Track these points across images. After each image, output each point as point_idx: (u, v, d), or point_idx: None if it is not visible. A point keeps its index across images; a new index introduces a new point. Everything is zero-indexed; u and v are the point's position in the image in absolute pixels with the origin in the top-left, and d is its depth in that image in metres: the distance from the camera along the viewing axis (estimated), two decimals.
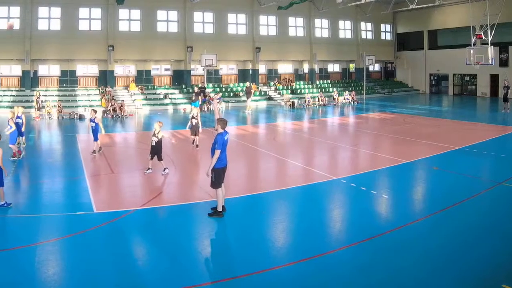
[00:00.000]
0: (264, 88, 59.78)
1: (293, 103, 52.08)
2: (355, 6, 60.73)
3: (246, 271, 10.34)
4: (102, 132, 24.44)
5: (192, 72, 56.78)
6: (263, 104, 54.38)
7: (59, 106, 42.72)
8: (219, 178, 13.71)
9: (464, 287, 9.70)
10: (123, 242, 12.21)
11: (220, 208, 13.79)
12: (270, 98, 57.11)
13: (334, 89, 60.91)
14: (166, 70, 57.59)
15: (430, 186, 18.35)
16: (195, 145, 25.23)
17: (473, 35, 48.89)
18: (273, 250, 11.63)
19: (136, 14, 52.64)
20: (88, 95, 49.72)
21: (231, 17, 58.25)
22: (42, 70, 51.05)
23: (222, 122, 13.86)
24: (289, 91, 58.86)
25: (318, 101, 53.84)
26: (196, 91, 46.02)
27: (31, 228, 13.07)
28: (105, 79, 51.82)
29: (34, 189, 16.79)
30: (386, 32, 72.83)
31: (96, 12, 50.71)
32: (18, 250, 11.44)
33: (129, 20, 52.43)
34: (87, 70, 53.28)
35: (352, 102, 55.26)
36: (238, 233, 13.05)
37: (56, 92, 48.90)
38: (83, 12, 50.26)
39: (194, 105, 40.40)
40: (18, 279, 9.84)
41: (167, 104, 50.69)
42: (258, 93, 56.25)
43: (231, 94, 56.11)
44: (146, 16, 52.78)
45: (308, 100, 53.11)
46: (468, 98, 60.96)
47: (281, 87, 60.14)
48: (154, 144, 19.30)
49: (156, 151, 19.35)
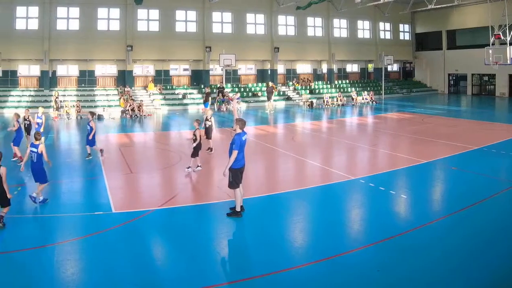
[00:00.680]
0: (283, 88, 58.43)
1: (311, 103, 50.91)
2: (374, 6, 58.75)
3: (264, 271, 10.16)
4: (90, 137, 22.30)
5: (210, 72, 55.68)
6: (281, 104, 53.02)
7: (77, 106, 41.77)
8: (236, 178, 13.49)
9: (482, 287, 9.56)
10: (142, 242, 12.00)
11: (238, 208, 13.55)
12: (288, 98, 55.66)
13: (353, 89, 59.64)
14: (185, 70, 56.57)
15: (448, 186, 17.98)
16: (209, 148, 23.62)
17: (491, 35, 47.41)
18: (291, 250, 11.45)
19: (154, 14, 51.56)
20: (106, 95, 48.67)
21: (249, 17, 56.96)
22: (61, 70, 50.15)
23: (241, 123, 13.74)
24: (307, 91, 57.48)
25: (337, 101, 52.37)
26: (206, 91, 44.74)
27: (50, 228, 12.97)
28: (123, 79, 50.84)
29: (52, 189, 16.28)
30: (405, 32, 70.79)
31: (115, 12, 49.72)
32: (37, 250, 11.25)
33: (147, 20, 51.35)
34: (106, 70, 52.30)
35: (370, 102, 53.78)
36: (256, 233, 12.79)
37: (75, 92, 48.00)
38: (102, 12, 49.30)
39: (205, 105, 41.26)
40: (37, 279, 9.71)
41: (185, 104, 49.36)
42: (276, 93, 54.57)
43: (250, 94, 55.08)
44: (165, 16, 51.69)
45: (327, 100, 51.85)
46: (486, 98, 59.57)
47: (299, 87, 58.86)
48: (196, 145, 19.30)
49: (197, 149, 19.37)
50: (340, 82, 63.67)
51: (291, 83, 60.12)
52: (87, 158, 21.90)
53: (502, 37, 46.10)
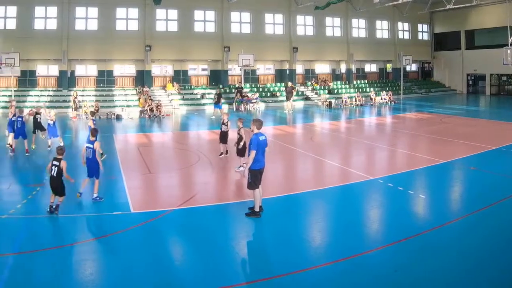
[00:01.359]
0: (301, 88, 56.75)
1: (330, 103, 49.39)
2: (392, 6, 56.85)
3: (283, 271, 10.02)
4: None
5: (229, 72, 54.44)
6: (300, 104, 51.61)
7: (96, 106, 40.39)
8: (255, 179, 13.27)
9: None
10: (160, 242, 11.86)
11: (257, 209, 13.35)
12: (307, 98, 54.15)
13: (371, 89, 58.39)
14: (203, 70, 55.11)
15: (467, 186, 17.89)
16: (224, 151, 22.21)
17: (510, 35, 46.12)
18: (310, 250, 11.36)
19: (173, 14, 50.46)
20: (125, 95, 47.61)
21: (268, 17, 55.48)
22: (79, 70, 49.14)
23: (258, 123, 13.57)
24: (326, 91, 56.10)
25: (355, 101, 50.93)
26: (217, 92, 43.36)
27: (68, 228, 12.80)
28: (142, 79, 49.67)
29: (71, 189, 15.54)
30: (423, 32, 68.54)
31: (133, 12, 48.69)
32: (56, 250, 11.15)
33: (166, 20, 50.24)
34: (124, 70, 51.24)
35: (389, 102, 52.23)
36: (275, 233, 12.64)
37: (93, 92, 47.02)
38: (120, 12, 48.30)
39: (217, 107, 40.67)
40: (55, 279, 9.56)
41: (204, 104, 47.93)
42: (295, 93, 52.66)
43: (268, 94, 53.55)
44: (183, 16, 50.59)
45: (345, 100, 50.44)
46: (505, 98, 58.33)
47: (318, 87, 57.40)
48: (240, 146, 19.08)
49: (244, 149, 18.87)
50: (358, 82, 61.98)
51: (309, 83, 58.52)
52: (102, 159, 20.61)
53: None
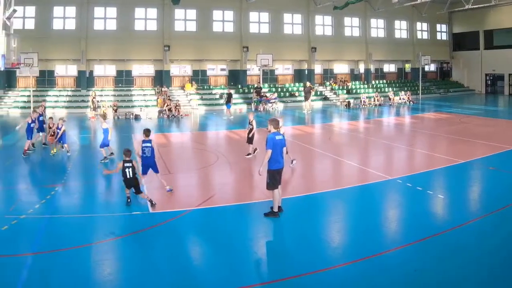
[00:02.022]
0: (320, 88, 55.31)
1: (348, 103, 47.92)
2: (411, 6, 54.87)
3: (301, 271, 9.75)
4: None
5: (248, 72, 52.87)
6: (319, 104, 50.27)
7: (114, 105, 39.82)
8: (274, 180, 12.92)
9: None
10: (179, 242, 11.61)
11: (275, 209, 13.05)
12: (325, 98, 52.66)
13: (390, 89, 56.86)
14: (222, 70, 53.77)
15: (486, 186, 17.31)
16: (253, 151, 21.79)
17: None
18: (328, 250, 11.09)
19: (192, 14, 49.19)
20: (144, 95, 46.52)
21: (287, 17, 53.88)
22: (98, 70, 48.09)
23: (274, 122, 13.23)
24: (344, 91, 54.71)
25: (374, 101, 49.37)
26: (228, 92, 42.02)
27: (87, 228, 12.51)
28: (161, 79, 48.45)
29: (90, 188, 16.08)
30: (442, 32, 66.79)
31: (152, 12, 47.57)
32: (74, 250, 10.89)
33: (185, 20, 49.00)
34: (143, 70, 50.11)
35: (407, 102, 50.70)
36: (294, 233, 12.36)
37: (112, 92, 45.99)
38: (139, 12, 47.19)
39: (228, 106, 39.31)
40: (74, 279, 9.38)
41: (222, 104, 45.61)
42: (314, 93, 51.30)
43: (287, 94, 51.95)
44: (202, 16, 49.32)
45: (364, 100, 49.03)
46: None
47: (336, 87, 55.88)
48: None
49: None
50: (377, 82, 60.39)
51: (328, 83, 57.00)
52: (102, 161, 20.69)
53: None
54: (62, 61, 45.98)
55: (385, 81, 61.94)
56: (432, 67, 68.09)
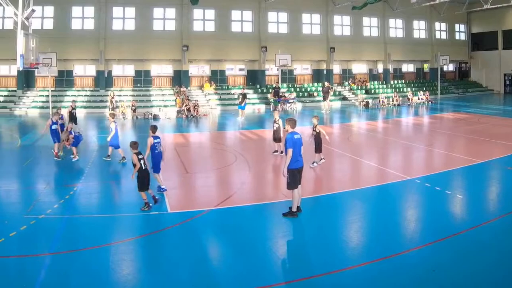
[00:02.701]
0: (339, 88, 53.61)
1: (367, 103, 46.48)
2: (429, 6, 53.44)
3: (320, 271, 9.58)
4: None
5: (266, 72, 51.43)
6: (337, 104, 48.75)
7: (133, 106, 38.61)
8: (294, 179, 12.64)
9: None
10: (197, 242, 11.36)
11: (294, 209, 12.76)
12: (344, 98, 50.99)
13: (408, 89, 54.86)
14: (241, 70, 52.22)
15: (504, 186, 16.77)
16: (279, 151, 21.19)
17: None
18: (347, 250, 10.80)
19: (210, 14, 47.79)
20: (162, 95, 45.27)
21: (305, 17, 52.15)
22: (116, 70, 46.99)
23: (292, 122, 13.01)
24: (363, 91, 52.96)
25: (393, 101, 47.82)
26: (241, 92, 40.24)
27: (105, 228, 12.23)
28: (179, 79, 47.24)
29: (108, 188, 15.86)
30: (460, 32, 64.74)
31: (171, 12, 46.31)
32: (93, 250, 10.64)
33: (203, 20, 47.63)
34: (161, 70, 48.77)
35: (426, 102, 49.08)
36: (312, 233, 12.14)
37: (130, 92, 44.80)
38: (157, 12, 46.00)
39: (241, 107, 37.37)
40: (92, 279, 9.16)
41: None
42: (332, 93, 49.71)
43: (306, 94, 50.30)
44: (221, 16, 47.92)
45: (383, 100, 47.40)
46: None
47: (355, 87, 54.16)
48: (315, 137, 18.97)
49: (318, 144, 18.92)
50: (395, 82, 58.56)
51: (346, 83, 55.26)
52: (105, 159, 20.39)
53: None
54: (81, 61, 45.05)
55: (403, 81, 60.10)
56: (451, 67, 66.09)
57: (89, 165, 19.84)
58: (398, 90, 54.16)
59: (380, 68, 58.79)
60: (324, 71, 54.02)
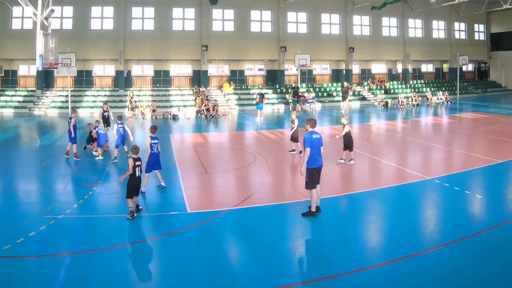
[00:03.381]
0: (358, 88, 52.12)
1: (386, 103, 45.10)
2: (449, 6, 51.37)
3: (339, 271, 9.23)
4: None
5: (285, 72, 49.92)
6: (356, 104, 47.51)
7: (152, 106, 37.55)
8: (312, 178, 12.27)
9: None
10: (216, 242, 11.00)
11: (313, 209, 12.34)
12: (363, 98, 49.64)
13: (428, 89, 53.12)
14: (260, 70, 50.74)
15: None
16: (298, 151, 20.94)
17: None
18: (366, 250, 10.42)
19: (229, 14, 46.56)
20: (181, 95, 44.06)
21: (324, 17, 50.62)
22: (136, 70, 45.92)
23: (311, 122, 12.74)
24: (382, 91, 51.23)
25: (412, 101, 46.32)
26: (259, 92, 38.89)
27: (124, 228, 11.87)
28: (198, 79, 45.99)
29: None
30: (480, 32, 62.89)
31: (190, 12, 45.18)
32: (112, 250, 10.37)
33: (222, 20, 46.45)
34: (181, 70, 47.56)
35: (445, 102, 47.60)
36: (331, 233, 11.75)
37: (150, 92, 43.73)
38: (177, 12, 44.94)
39: (259, 107, 36.35)
40: (111, 279, 8.88)
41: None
42: (351, 93, 48.16)
43: (325, 94, 48.78)
44: (240, 16, 46.67)
45: (402, 100, 45.81)
46: None
47: (374, 87, 52.49)
48: (345, 137, 18.82)
49: (348, 143, 18.78)
50: (415, 82, 56.89)
51: (366, 83, 53.74)
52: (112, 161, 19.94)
53: None
54: (100, 61, 44.13)
55: (423, 81, 58.37)
56: (470, 67, 64.11)
57: (109, 165, 19.36)
58: (417, 90, 52.51)
59: (399, 68, 57.19)
60: (343, 71, 52.55)
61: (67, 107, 36.09)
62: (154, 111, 37.21)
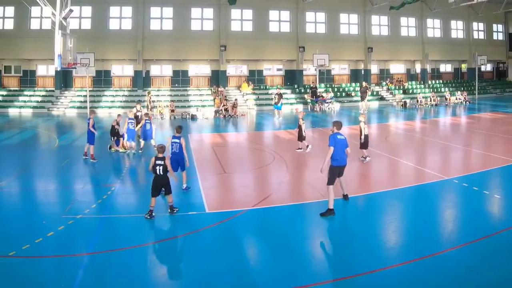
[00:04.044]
0: (376, 88, 50.56)
1: (405, 103, 43.76)
2: (467, 6, 49.73)
3: (357, 271, 9.00)
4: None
5: (304, 72, 48.46)
6: (375, 104, 46.26)
7: (171, 106, 36.50)
8: (333, 175, 12.25)
9: None
10: (235, 242, 10.70)
11: (331, 206, 12.06)
12: (382, 98, 48.09)
13: (446, 89, 51.32)
14: (278, 70, 49.30)
15: None
16: (304, 147, 21.18)
17: None
18: (385, 249, 10.13)
19: (248, 14, 45.21)
20: (200, 95, 42.82)
21: (343, 17, 49.09)
22: (154, 70, 44.77)
23: (337, 124, 12.82)
24: (401, 91, 49.62)
25: (430, 101, 45.05)
26: (277, 92, 37.58)
27: (143, 228, 11.63)
28: (217, 79, 44.72)
29: (146, 188, 14.38)
30: (498, 32, 60.82)
31: (208, 12, 43.91)
32: (131, 250, 10.13)
33: (241, 20, 45.13)
34: (199, 70, 46.30)
35: (464, 102, 46.21)
36: (350, 233, 11.47)
37: (168, 92, 42.62)
38: (195, 12, 43.73)
39: (277, 107, 35.73)
40: (130, 279, 8.77)
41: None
42: (370, 93, 46.66)
43: (343, 94, 47.34)
44: (258, 16, 45.29)
45: (420, 100, 44.48)
46: None
47: (393, 87, 50.87)
48: (363, 138, 18.81)
49: (365, 142, 18.83)
50: (433, 82, 55.16)
51: (384, 83, 52.11)
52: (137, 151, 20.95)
53: None
54: (119, 61, 43.15)
55: (441, 81, 56.58)
56: (489, 67, 62.18)
57: (127, 164, 19.34)
58: (435, 90, 50.87)
59: (418, 68, 55.46)
60: (362, 71, 50.91)
61: (86, 107, 35.05)
62: (172, 111, 36.15)
